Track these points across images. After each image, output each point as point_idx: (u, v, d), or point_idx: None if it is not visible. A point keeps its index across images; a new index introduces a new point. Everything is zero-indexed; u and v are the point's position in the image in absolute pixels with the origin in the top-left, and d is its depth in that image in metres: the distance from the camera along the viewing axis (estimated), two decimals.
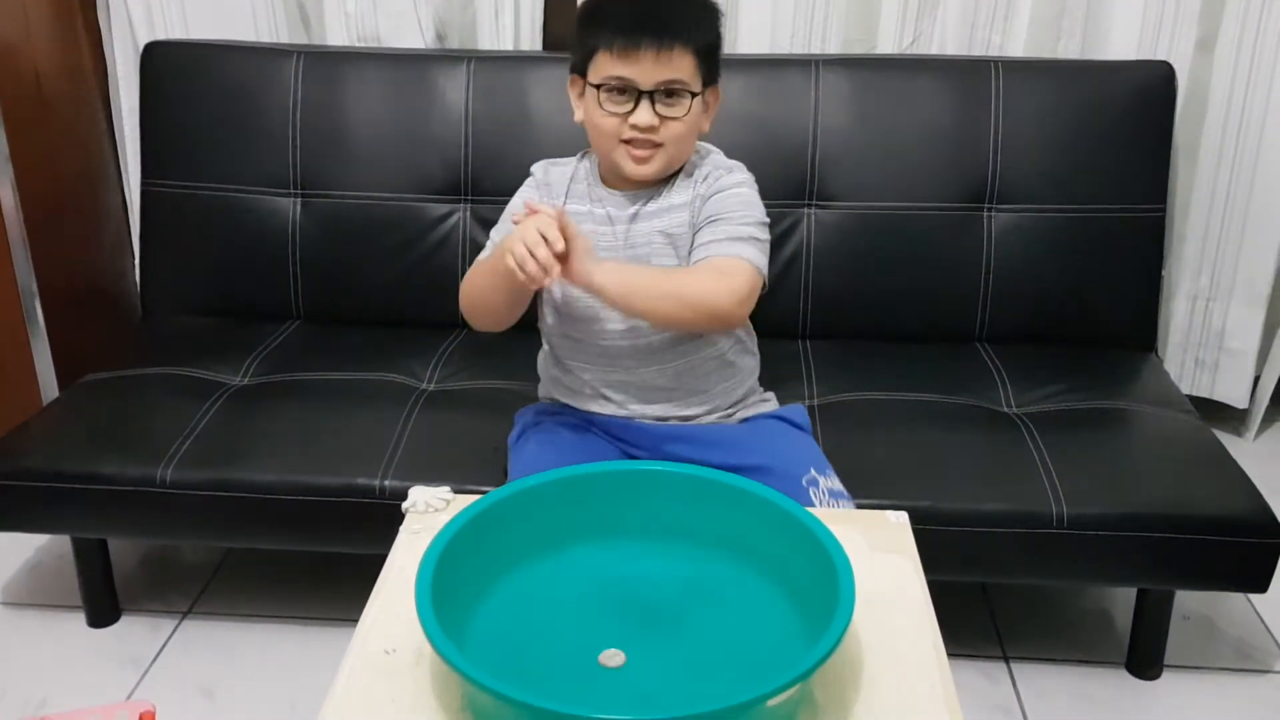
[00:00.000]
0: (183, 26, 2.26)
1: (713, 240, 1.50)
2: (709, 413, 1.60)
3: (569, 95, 1.57)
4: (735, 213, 1.52)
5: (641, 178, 1.53)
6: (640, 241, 1.55)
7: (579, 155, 1.64)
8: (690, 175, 1.57)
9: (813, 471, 1.51)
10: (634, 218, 1.56)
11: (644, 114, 1.46)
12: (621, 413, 1.59)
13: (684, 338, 1.56)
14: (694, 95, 1.48)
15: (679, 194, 1.56)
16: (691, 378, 1.58)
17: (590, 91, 1.50)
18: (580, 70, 1.52)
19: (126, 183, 2.39)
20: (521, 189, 1.64)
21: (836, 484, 1.51)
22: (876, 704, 0.96)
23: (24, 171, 2.13)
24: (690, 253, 1.53)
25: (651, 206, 1.56)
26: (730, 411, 1.62)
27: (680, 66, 1.46)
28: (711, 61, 1.52)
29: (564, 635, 1.05)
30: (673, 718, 0.83)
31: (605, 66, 1.47)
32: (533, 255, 1.35)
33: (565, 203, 1.57)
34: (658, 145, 1.49)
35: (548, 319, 1.63)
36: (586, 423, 1.60)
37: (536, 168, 1.65)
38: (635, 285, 1.44)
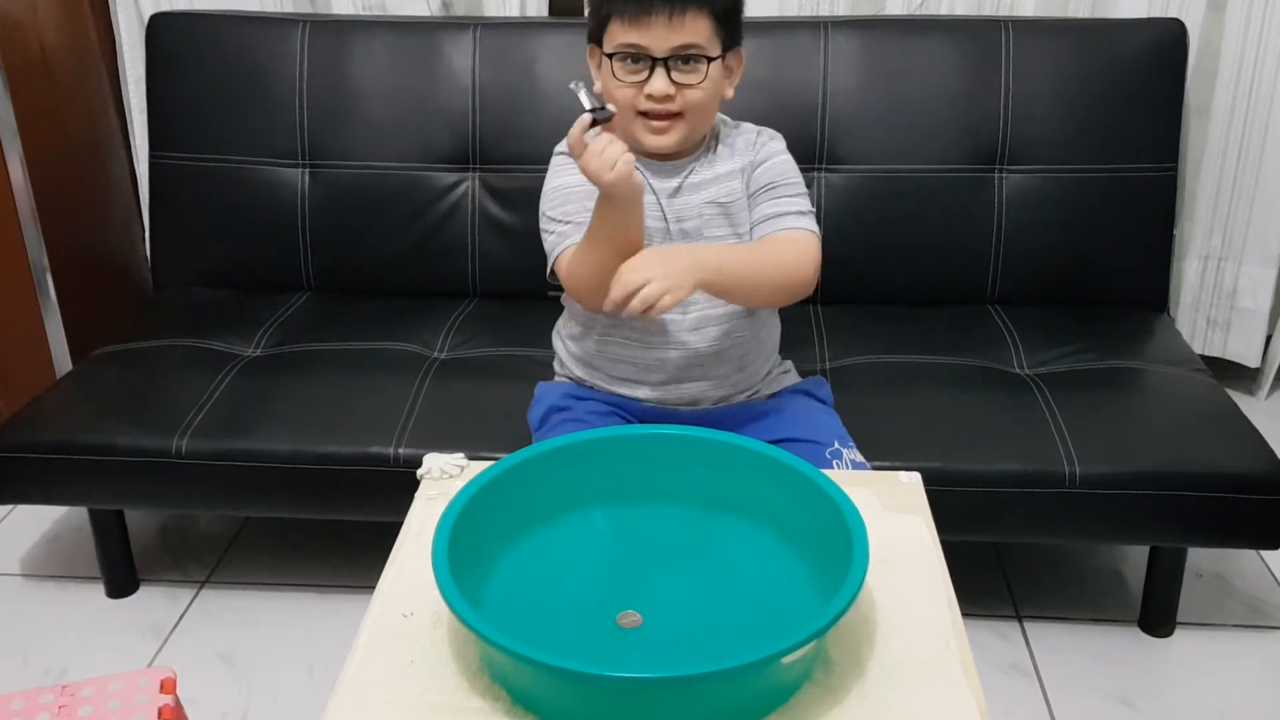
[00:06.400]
0: None
1: (780, 214, 1.49)
2: (740, 391, 1.57)
3: (589, 66, 1.50)
4: (789, 181, 1.51)
5: (661, 149, 1.47)
6: (688, 215, 1.50)
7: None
8: (730, 144, 1.53)
9: (836, 444, 1.51)
10: (677, 190, 1.50)
11: (659, 82, 1.40)
12: (654, 395, 1.55)
13: (742, 319, 1.52)
14: (711, 60, 1.42)
15: (724, 163, 1.52)
16: (737, 351, 1.55)
17: (605, 61, 1.44)
18: (596, 39, 1.46)
19: (135, 155, 2.39)
20: (556, 171, 1.53)
21: (858, 456, 1.51)
22: (891, 661, 0.97)
23: (32, 146, 2.13)
24: (753, 224, 1.50)
25: (696, 178, 1.51)
26: (757, 389, 1.59)
27: (695, 30, 1.40)
28: (731, 23, 1.45)
29: (581, 597, 1.06)
30: (688, 674, 0.84)
31: (618, 34, 1.41)
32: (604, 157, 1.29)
33: None
34: (676, 115, 1.44)
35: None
36: (616, 408, 1.55)
37: (562, 147, 1.53)
38: (738, 272, 1.41)
